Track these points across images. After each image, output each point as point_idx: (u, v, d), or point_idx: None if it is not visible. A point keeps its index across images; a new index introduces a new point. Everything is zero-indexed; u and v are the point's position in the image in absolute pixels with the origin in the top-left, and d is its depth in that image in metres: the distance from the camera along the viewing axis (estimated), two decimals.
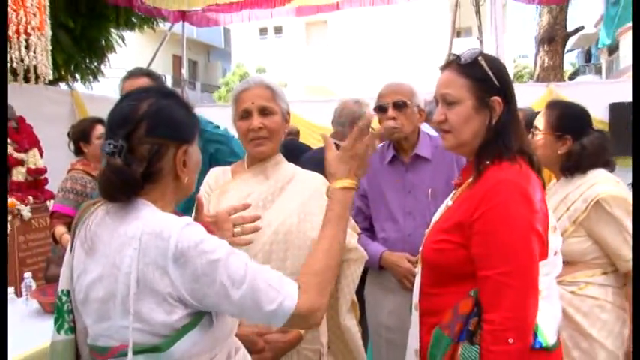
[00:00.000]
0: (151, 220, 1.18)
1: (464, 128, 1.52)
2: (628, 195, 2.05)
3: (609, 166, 2.17)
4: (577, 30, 10.48)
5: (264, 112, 1.86)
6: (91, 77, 7.50)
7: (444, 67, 1.58)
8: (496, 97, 1.48)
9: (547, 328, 1.45)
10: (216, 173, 2.01)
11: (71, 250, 1.30)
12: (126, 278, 1.14)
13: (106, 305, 1.18)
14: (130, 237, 1.16)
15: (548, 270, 1.52)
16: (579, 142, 2.13)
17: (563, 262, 2.02)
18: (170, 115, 1.26)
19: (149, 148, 1.22)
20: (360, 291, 2.43)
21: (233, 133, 1.98)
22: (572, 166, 2.14)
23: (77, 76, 7.36)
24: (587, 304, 2.06)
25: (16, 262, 3.46)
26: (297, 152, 3.40)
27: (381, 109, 2.38)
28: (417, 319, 1.60)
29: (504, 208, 1.39)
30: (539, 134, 2.20)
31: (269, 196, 1.90)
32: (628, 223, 2.00)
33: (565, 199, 2.10)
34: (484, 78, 1.49)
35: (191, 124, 1.31)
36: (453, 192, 1.68)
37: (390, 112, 2.34)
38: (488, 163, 1.48)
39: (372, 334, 2.56)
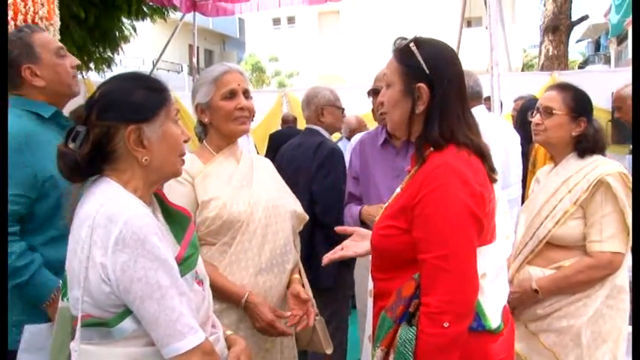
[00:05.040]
0: (111, 202, 1.24)
1: (393, 111, 1.55)
2: (629, 174, 2.06)
3: (603, 153, 2.20)
4: (581, 19, 10.41)
5: (246, 94, 2.00)
6: (104, 67, 7.71)
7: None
8: (421, 84, 1.47)
9: (491, 310, 1.45)
10: (187, 159, 2.16)
11: None
12: (81, 253, 1.22)
13: (70, 276, 1.28)
14: (88, 215, 1.24)
15: (497, 253, 1.51)
16: (592, 125, 2.14)
17: (561, 247, 2.12)
18: (118, 98, 1.30)
19: (99, 131, 1.28)
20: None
21: (193, 117, 2.08)
22: (590, 148, 2.14)
23: (91, 65, 7.56)
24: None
25: None
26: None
27: (374, 92, 2.38)
28: (372, 304, 1.59)
29: (441, 191, 1.39)
30: (556, 114, 2.15)
31: (247, 176, 2.03)
32: (625, 200, 2.01)
33: (567, 181, 2.11)
34: (413, 65, 1.49)
35: (148, 104, 1.31)
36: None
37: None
38: (432, 149, 1.48)
39: (360, 313, 2.62)
